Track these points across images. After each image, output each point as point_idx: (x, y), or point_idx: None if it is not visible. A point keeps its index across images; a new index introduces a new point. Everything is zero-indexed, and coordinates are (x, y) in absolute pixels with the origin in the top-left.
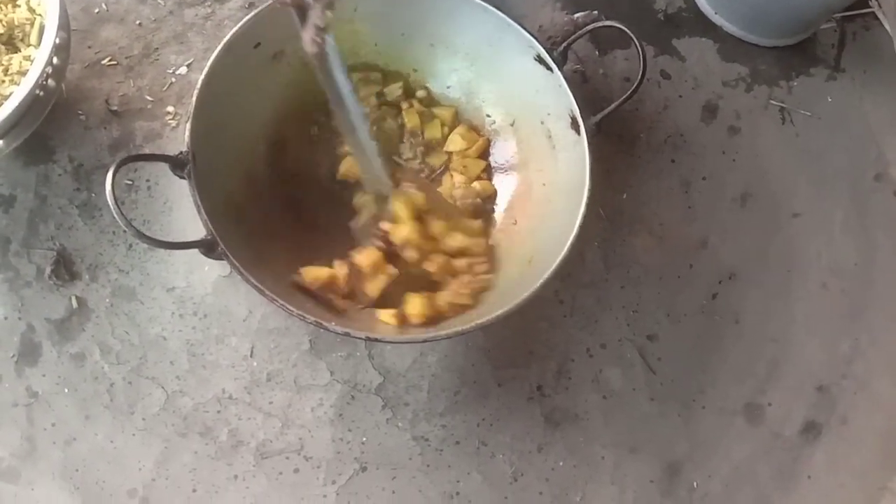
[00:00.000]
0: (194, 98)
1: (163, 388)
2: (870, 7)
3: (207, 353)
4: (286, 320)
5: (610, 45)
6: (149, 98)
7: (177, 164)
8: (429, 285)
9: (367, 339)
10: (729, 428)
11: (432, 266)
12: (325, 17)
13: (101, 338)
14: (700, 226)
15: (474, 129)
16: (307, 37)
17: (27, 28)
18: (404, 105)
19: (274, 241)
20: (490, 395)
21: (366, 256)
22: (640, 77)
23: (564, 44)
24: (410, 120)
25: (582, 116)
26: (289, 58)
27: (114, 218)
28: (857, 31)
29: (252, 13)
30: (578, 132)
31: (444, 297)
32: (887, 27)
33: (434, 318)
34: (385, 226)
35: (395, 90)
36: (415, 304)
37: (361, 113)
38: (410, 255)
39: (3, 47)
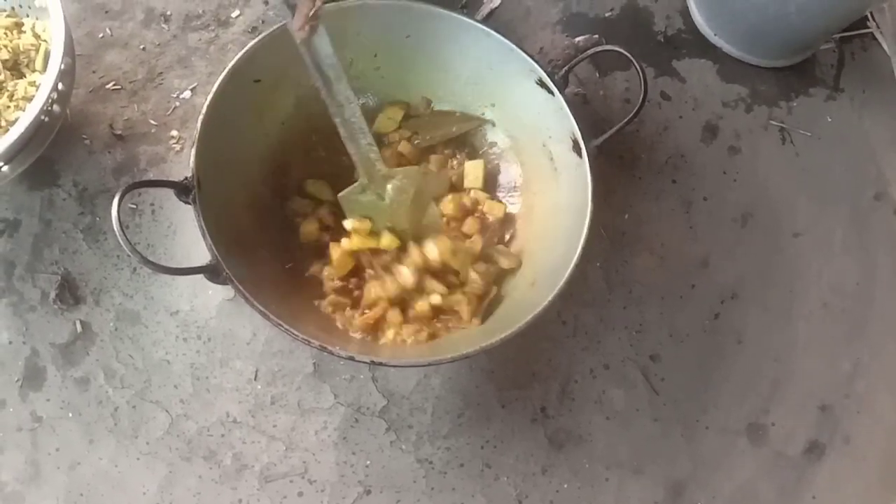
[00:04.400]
0: (199, 124)
1: (167, 411)
2: (868, 28)
3: (211, 377)
4: (290, 343)
5: (610, 67)
6: (153, 122)
7: (182, 190)
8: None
9: (372, 362)
10: (732, 448)
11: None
12: (314, 3)
13: (106, 362)
14: (701, 246)
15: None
16: (297, 23)
17: (32, 54)
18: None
19: (278, 265)
20: (494, 416)
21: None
22: (641, 100)
23: (566, 68)
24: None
25: (583, 139)
26: (292, 82)
27: (118, 242)
28: (856, 52)
29: (256, 38)
30: (580, 154)
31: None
32: (885, 48)
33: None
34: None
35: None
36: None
37: (350, 94)
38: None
39: (8, 73)
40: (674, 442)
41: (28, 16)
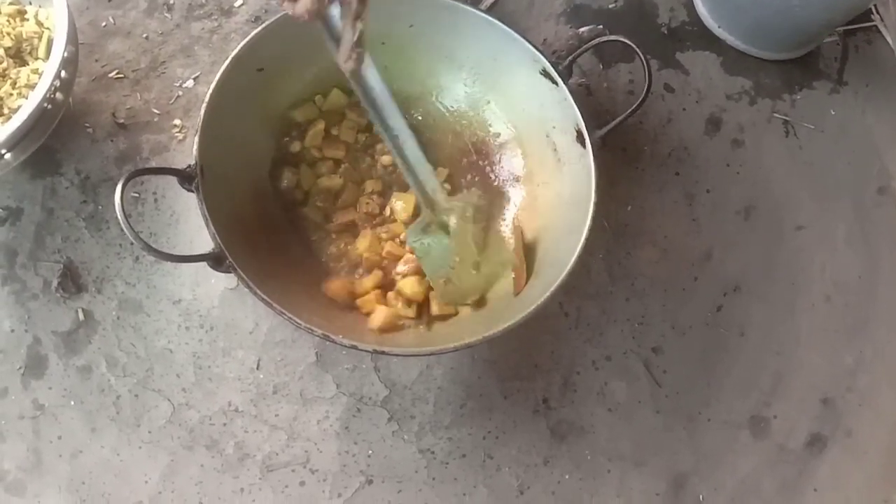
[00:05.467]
0: (202, 112)
1: (169, 400)
2: (872, 21)
3: (214, 366)
4: (293, 333)
5: (614, 58)
6: (155, 111)
7: (185, 178)
8: None
9: (374, 351)
10: (734, 441)
11: None
12: (356, 29)
13: (108, 350)
14: (704, 238)
15: None
16: (343, 54)
17: (35, 41)
18: None
19: (280, 253)
20: (496, 407)
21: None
22: (645, 91)
23: (570, 58)
24: None
25: (587, 130)
26: (295, 71)
27: (120, 230)
28: (860, 45)
29: (259, 27)
30: (584, 145)
31: None
32: (889, 41)
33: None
34: None
35: None
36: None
37: (405, 124)
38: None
39: (11, 61)
40: (676, 434)
41: (31, 3)
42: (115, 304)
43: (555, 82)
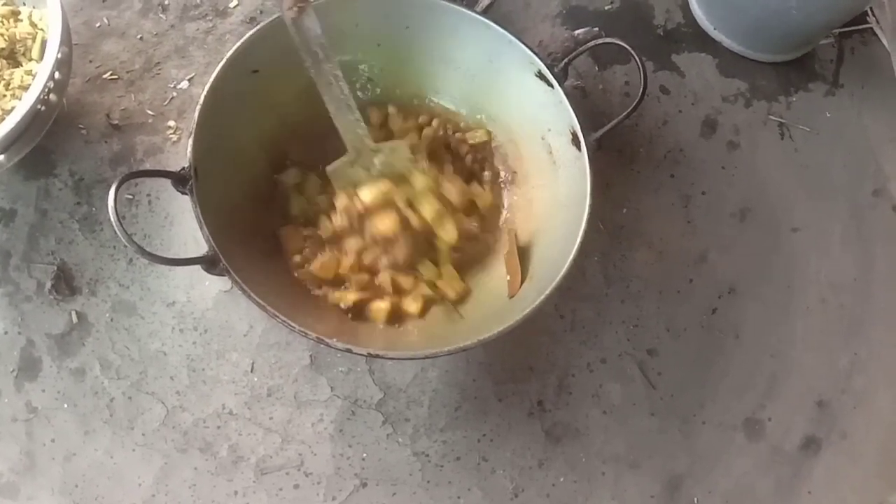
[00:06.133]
0: (196, 114)
1: (163, 403)
2: (868, 23)
3: (208, 369)
4: (287, 335)
5: (609, 60)
6: (150, 112)
7: (179, 180)
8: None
9: (369, 355)
10: (729, 443)
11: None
12: None
13: (102, 353)
14: (699, 240)
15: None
16: (286, 2)
17: (29, 42)
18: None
19: (275, 256)
20: (490, 410)
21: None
22: (640, 94)
23: (565, 60)
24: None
25: (582, 132)
26: (291, 73)
27: (114, 232)
28: (856, 47)
29: (254, 28)
30: (579, 148)
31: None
32: (885, 43)
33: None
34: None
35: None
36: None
37: (337, 72)
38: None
39: (4, 62)
40: (670, 436)
41: (25, 4)
42: (109, 307)
43: (550, 84)
